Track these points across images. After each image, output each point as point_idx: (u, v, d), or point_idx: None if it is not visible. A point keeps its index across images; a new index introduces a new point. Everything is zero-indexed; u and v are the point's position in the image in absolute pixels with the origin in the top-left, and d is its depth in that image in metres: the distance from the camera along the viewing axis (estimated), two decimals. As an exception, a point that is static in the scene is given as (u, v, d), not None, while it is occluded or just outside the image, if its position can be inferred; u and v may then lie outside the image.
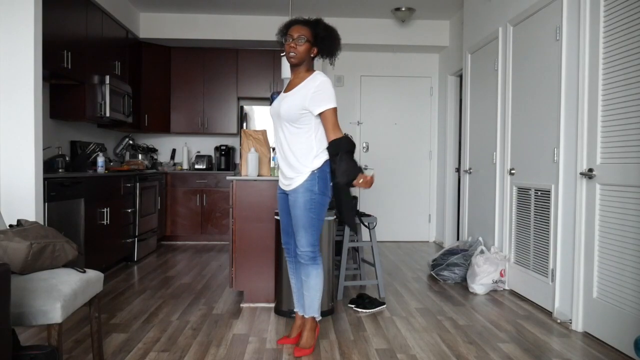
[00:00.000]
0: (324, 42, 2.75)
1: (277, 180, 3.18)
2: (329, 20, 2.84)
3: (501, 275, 4.24)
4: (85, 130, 5.57)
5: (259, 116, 6.68)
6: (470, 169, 5.21)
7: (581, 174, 3.21)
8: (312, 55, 2.77)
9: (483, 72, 4.91)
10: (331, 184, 2.77)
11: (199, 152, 7.27)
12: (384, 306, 3.75)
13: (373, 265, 4.16)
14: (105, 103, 5.15)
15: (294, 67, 2.78)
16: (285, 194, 2.87)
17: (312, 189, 2.71)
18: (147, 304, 3.76)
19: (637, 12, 2.77)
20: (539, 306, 3.79)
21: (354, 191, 6.76)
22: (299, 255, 2.82)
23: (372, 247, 4.11)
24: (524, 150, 4.08)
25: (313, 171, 2.71)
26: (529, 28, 4.01)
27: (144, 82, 6.59)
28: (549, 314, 3.61)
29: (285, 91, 2.84)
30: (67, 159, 4.70)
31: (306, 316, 2.89)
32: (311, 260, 2.79)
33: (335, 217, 3.65)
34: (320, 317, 2.96)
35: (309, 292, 2.85)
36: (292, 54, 2.71)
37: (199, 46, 6.88)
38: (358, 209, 4.24)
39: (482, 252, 4.35)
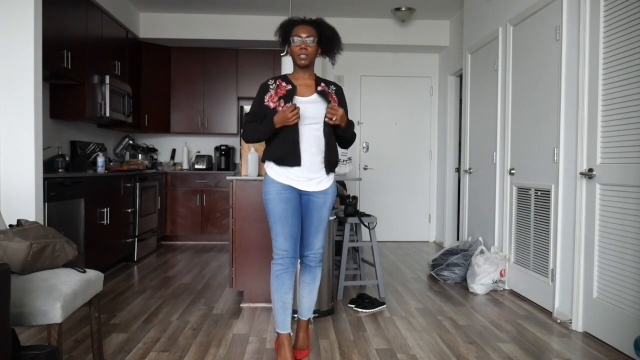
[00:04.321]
0: (330, 42, 2.67)
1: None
2: (329, 21, 2.81)
3: (501, 275, 4.24)
4: (85, 130, 5.57)
5: (259, 116, 6.67)
6: (470, 169, 5.21)
7: (581, 174, 3.21)
8: (317, 56, 2.68)
9: (483, 72, 4.91)
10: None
11: (199, 152, 7.27)
12: (384, 306, 3.75)
13: (373, 265, 4.16)
14: (105, 103, 5.15)
15: (303, 67, 2.65)
16: (300, 194, 2.66)
17: (335, 190, 2.77)
18: (147, 304, 3.76)
19: (637, 12, 2.77)
20: (539, 306, 3.79)
21: (354, 191, 6.77)
22: (308, 258, 2.74)
23: (372, 247, 4.11)
24: (524, 150, 4.08)
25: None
26: (529, 28, 4.01)
27: (144, 82, 6.59)
28: (549, 314, 3.61)
29: (301, 93, 2.63)
30: (67, 159, 4.70)
31: (304, 318, 2.85)
32: (320, 261, 2.79)
33: (335, 216, 3.65)
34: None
35: (312, 294, 2.83)
36: (303, 55, 2.58)
37: (199, 46, 6.88)
38: (358, 208, 4.24)
39: (482, 252, 4.35)
